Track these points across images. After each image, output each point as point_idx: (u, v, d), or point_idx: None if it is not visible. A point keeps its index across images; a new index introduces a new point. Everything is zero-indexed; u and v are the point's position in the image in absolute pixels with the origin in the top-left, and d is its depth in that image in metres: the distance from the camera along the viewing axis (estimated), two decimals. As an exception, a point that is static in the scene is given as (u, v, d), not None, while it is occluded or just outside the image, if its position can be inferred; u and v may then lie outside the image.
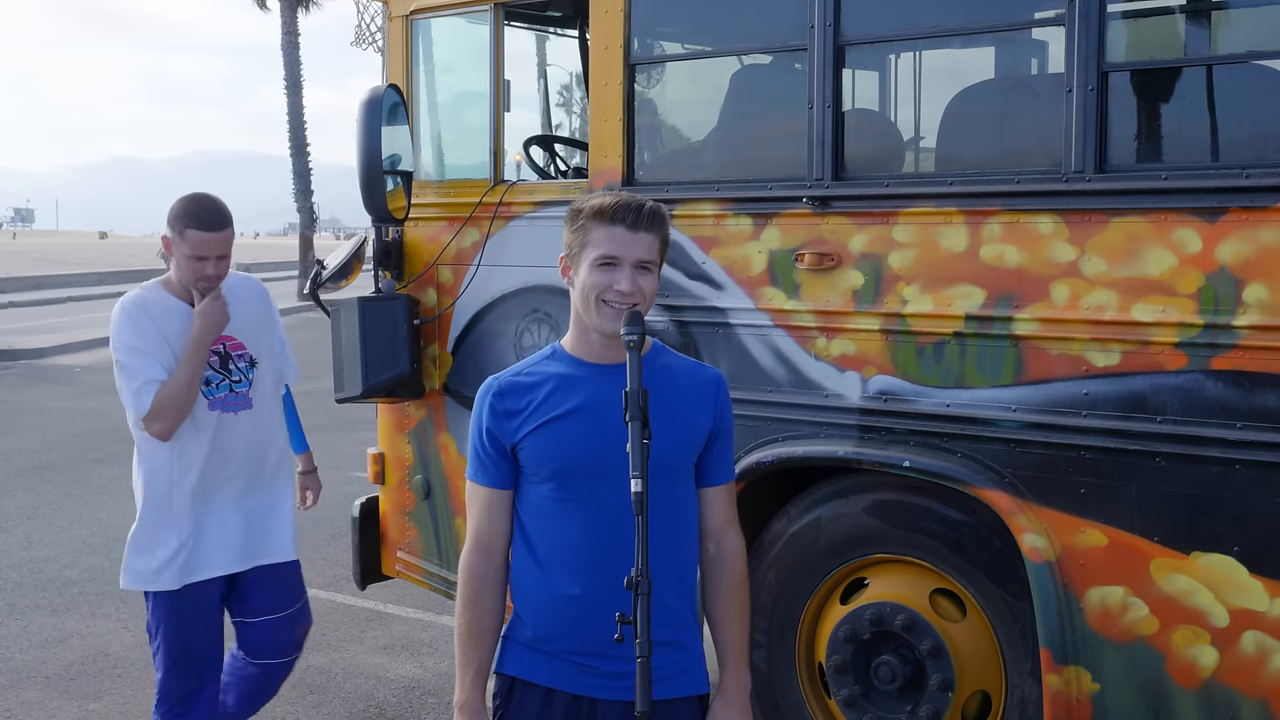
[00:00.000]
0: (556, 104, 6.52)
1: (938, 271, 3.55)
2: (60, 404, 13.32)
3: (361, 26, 9.22)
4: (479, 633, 2.46)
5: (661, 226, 2.38)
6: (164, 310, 3.64)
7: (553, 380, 2.42)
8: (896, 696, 3.76)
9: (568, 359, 2.44)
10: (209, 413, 3.71)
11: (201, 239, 3.57)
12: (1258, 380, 3.10)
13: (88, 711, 4.98)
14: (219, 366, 3.73)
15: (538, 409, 2.40)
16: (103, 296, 31.92)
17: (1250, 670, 3.16)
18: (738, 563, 2.52)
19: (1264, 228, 3.08)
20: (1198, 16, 4.20)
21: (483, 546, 2.47)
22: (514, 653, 2.47)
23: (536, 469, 2.41)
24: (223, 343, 3.74)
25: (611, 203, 2.36)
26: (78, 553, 7.27)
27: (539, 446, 2.39)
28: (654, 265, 2.37)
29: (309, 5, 34.11)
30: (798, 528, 3.89)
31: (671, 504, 2.41)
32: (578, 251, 2.38)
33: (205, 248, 3.58)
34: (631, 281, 2.33)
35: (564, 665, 2.40)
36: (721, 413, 2.48)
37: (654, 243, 2.36)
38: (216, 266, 3.62)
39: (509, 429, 2.41)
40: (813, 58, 3.74)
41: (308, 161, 33.49)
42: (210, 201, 3.65)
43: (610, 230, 2.34)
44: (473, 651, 2.45)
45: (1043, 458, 3.40)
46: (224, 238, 3.62)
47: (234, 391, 3.76)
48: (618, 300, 2.33)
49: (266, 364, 3.86)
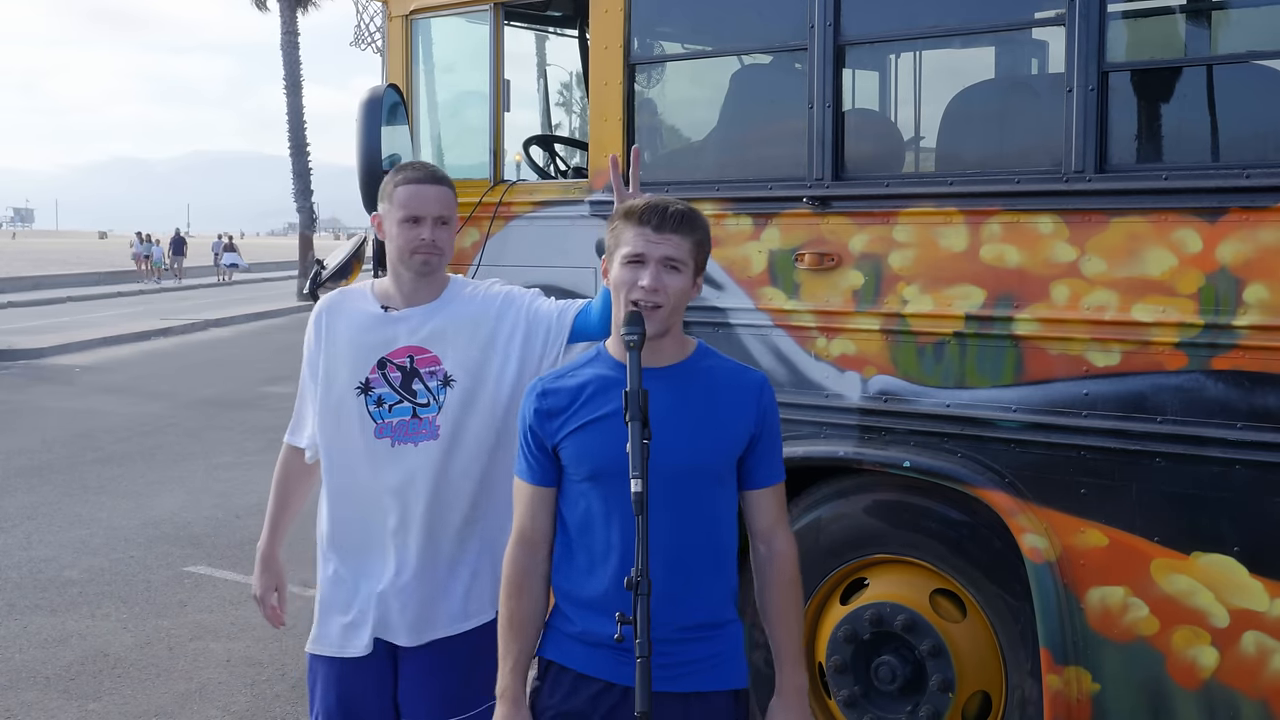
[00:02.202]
0: (556, 104, 6.52)
1: (938, 271, 3.55)
2: (60, 404, 13.31)
3: (361, 27, 9.23)
4: (519, 623, 2.50)
5: (692, 230, 2.42)
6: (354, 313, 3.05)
7: (594, 382, 2.45)
8: (897, 697, 3.76)
9: (609, 361, 2.48)
10: (376, 440, 2.98)
11: (415, 192, 2.93)
12: (1258, 380, 3.10)
13: (87, 711, 4.98)
14: (399, 385, 2.99)
15: (578, 411, 2.44)
16: (102, 296, 31.95)
17: (1250, 670, 3.16)
18: (788, 563, 2.53)
19: (1264, 228, 3.08)
20: (1198, 16, 4.20)
21: (525, 540, 2.52)
22: (554, 639, 2.52)
23: (575, 469, 2.45)
24: (409, 355, 3.00)
25: (642, 204, 2.42)
26: (77, 553, 7.27)
27: (578, 448, 2.43)
28: (683, 265, 2.40)
29: (308, 5, 34.13)
30: (798, 528, 3.89)
31: (703, 504, 2.43)
32: (612, 251, 2.44)
33: (421, 203, 2.93)
34: (655, 278, 2.36)
35: (602, 654, 2.43)
36: (765, 416, 2.49)
37: (682, 244, 2.40)
38: (435, 230, 2.94)
39: (550, 429, 2.46)
40: (813, 58, 3.74)
41: (307, 161, 33.53)
42: (422, 162, 3.13)
43: (639, 230, 2.39)
44: (513, 641, 2.50)
45: (1043, 458, 3.40)
46: (442, 194, 2.97)
47: (416, 417, 2.99)
48: (641, 298, 2.37)
49: (470, 383, 2.99)
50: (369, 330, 3.02)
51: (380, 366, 3.01)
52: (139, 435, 11.26)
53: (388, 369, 3.01)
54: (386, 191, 2.98)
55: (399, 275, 3.00)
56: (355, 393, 3.01)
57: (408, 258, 2.95)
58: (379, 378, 3.00)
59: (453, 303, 3.05)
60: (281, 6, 32.70)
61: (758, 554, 2.53)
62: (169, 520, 8.05)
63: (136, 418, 12.27)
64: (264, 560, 3.25)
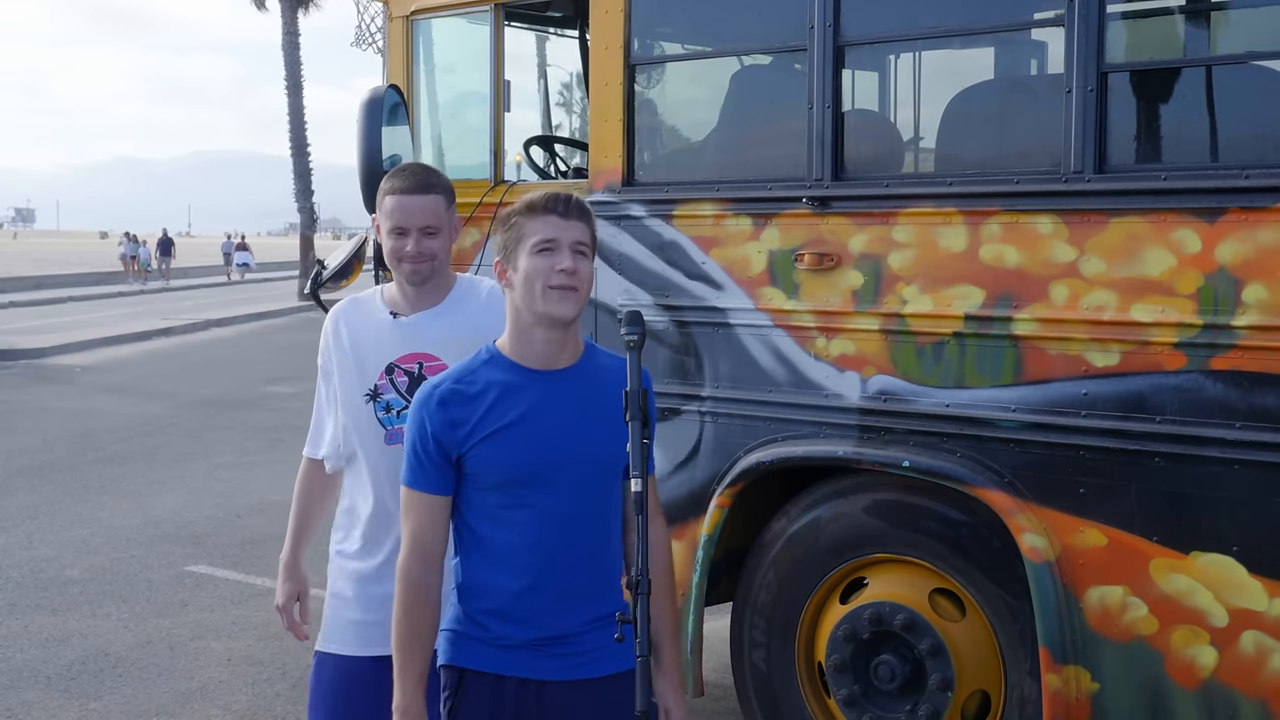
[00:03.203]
0: (556, 104, 6.52)
1: (937, 271, 3.55)
2: (60, 404, 13.32)
3: (361, 27, 9.22)
4: (420, 637, 2.45)
5: (589, 219, 2.46)
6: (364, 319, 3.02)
7: (495, 389, 2.43)
8: (896, 696, 3.77)
9: (507, 364, 2.45)
10: (387, 447, 2.96)
11: (400, 204, 2.86)
12: (1257, 380, 3.10)
13: (88, 711, 4.99)
14: (407, 390, 2.94)
15: (483, 419, 2.41)
16: (103, 296, 31.96)
17: (1249, 670, 3.16)
18: (665, 551, 2.59)
19: (1263, 228, 3.08)
20: (1198, 16, 4.20)
21: (422, 552, 2.46)
22: (460, 645, 2.48)
23: (483, 477, 2.42)
24: (417, 361, 2.97)
25: (541, 195, 2.44)
26: (78, 552, 7.27)
27: (487, 457, 2.40)
28: (589, 250, 2.43)
29: (309, 5, 34.14)
30: (798, 528, 3.90)
31: (608, 498, 2.47)
32: (514, 248, 2.42)
33: (405, 215, 2.86)
34: (572, 259, 2.38)
35: (514, 654, 2.43)
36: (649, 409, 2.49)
37: (585, 230, 2.43)
38: (421, 242, 2.87)
39: (455, 439, 2.41)
40: (812, 58, 3.74)
41: (308, 161, 33.56)
42: (417, 167, 3.00)
43: (544, 218, 2.40)
44: (415, 657, 2.44)
45: (1042, 458, 3.40)
46: (429, 204, 2.87)
47: None
48: (561, 281, 2.37)
49: None
50: (377, 336, 3.00)
51: (388, 372, 2.97)
52: (140, 435, 11.26)
53: (395, 374, 2.97)
54: (379, 198, 2.96)
55: (400, 281, 3.00)
56: (364, 399, 2.98)
57: (396, 265, 2.94)
58: (387, 384, 2.97)
59: (461, 307, 3.00)
60: (282, 7, 32.72)
61: (630, 544, 2.54)
62: (170, 520, 8.06)
63: (137, 417, 12.27)
64: (288, 568, 3.20)
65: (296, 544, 3.21)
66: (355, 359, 3.00)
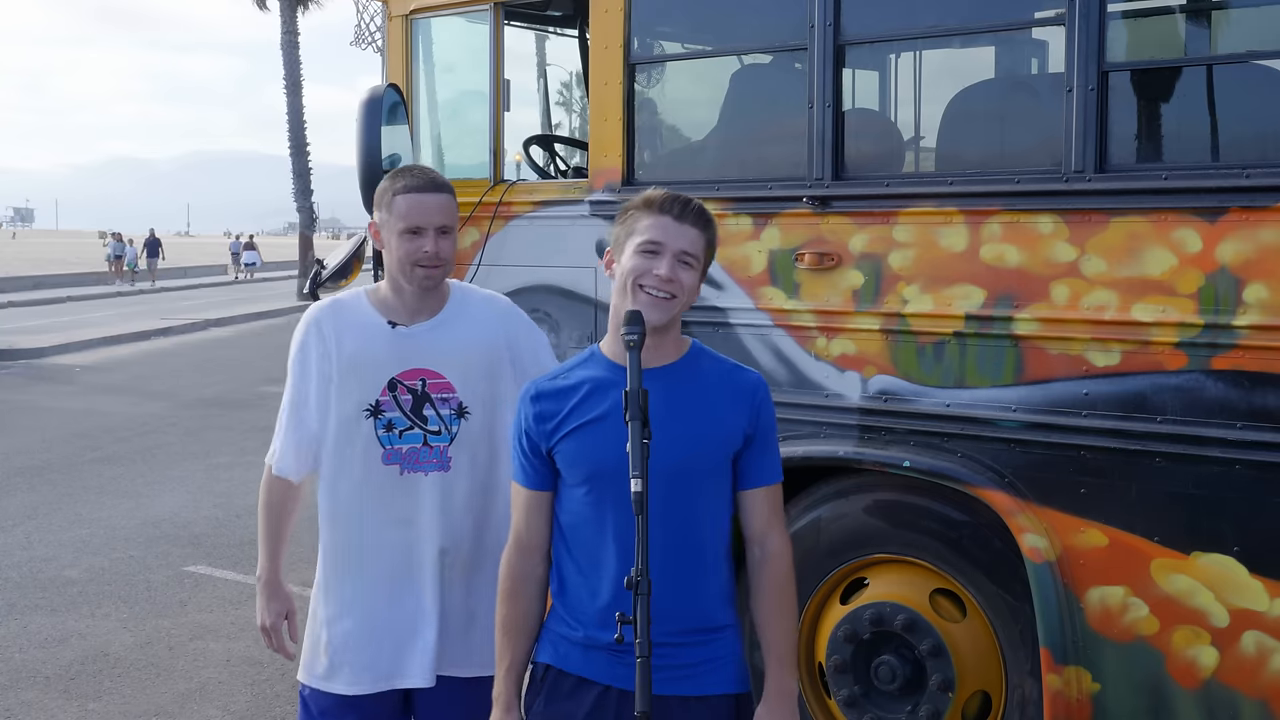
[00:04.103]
0: (556, 104, 6.52)
1: (938, 271, 3.55)
2: (60, 404, 13.31)
3: (361, 26, 9.21)
4: (513, 628, 2.50)
5: (708, 226, 2.41)
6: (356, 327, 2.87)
7: (587, 384, 2.43)
8: (896, 696, 3.76)
9: (604, 362, 2.45)
10: (384, 467, 2.83)
11: (417, 202, 2.76)
12: (1258, 380, 3.10)
13: (87, 711, 4.98)
14: (410, 409, 2.83)
15: (571, 414, 2.41)
16: (102, 296, 31.94)
17: (1250, 670, 3.16)
18: (781, 565, 2.49)
19: (1264, 227, 3.08)
20: (1198, 16, 4.20)
21: (521, 545, 2.50)
22: (550, 643, 2.50)
23: (571, 473, 2.43)
24: (421, 378, 2.84)
25: (660, 194, 2.40)
26: (78, 552, 7.27)
27: (572, 451, 2.41)
28: (696, 261, 2.38)
29: (308, 4, 34.14)
30: (798, 528, 3.89)
31: (697, 504, 2.41)
32: (623, 240, 2.40)
33: (423, 213, 2.76)
34: (672, 268, 2.34)
35: (598, 656, 2.42)
36: (760, 415, 2.46)
37: (698, 239, 2.38)
38: (437, 242, 2.78)
39: (544, 433, 2.43)
40: (813, 58, 3.74)
41: (307, 161, 33.56)
42: (420, 167, 2.92)
43: (657, 219, 2.37)
44: (507, 646, 2.50)
45: (1043, 458, 3.40)
46: (444, 201, 2.81)
47: (427, 444, 2.83)
48: (656, 286, 2.34)
49: (485, 417, 2.89)
50: (377, 347, 2.83)
51: (391, 388, 2.83)
52: (139, 435, 11.26)
53: (399, 390, 2.83)
54: (384, 200, 2.81)
55: (400, 287, 2.85)
56: (364, 414, 2.82)
57: (409, 271, 2.79)
58: (390, 400, 2.83)
59: (461, 319, 2.88)
60: (281, 5, 32.72)
61: (752, 556, 2.51)
62: (169, 520, 8.05)
63: (137, 417, 12.27)
64: (269, 588, 3.01)
65: (273, 560, 3.01)
66: (354, 369, 2.83)
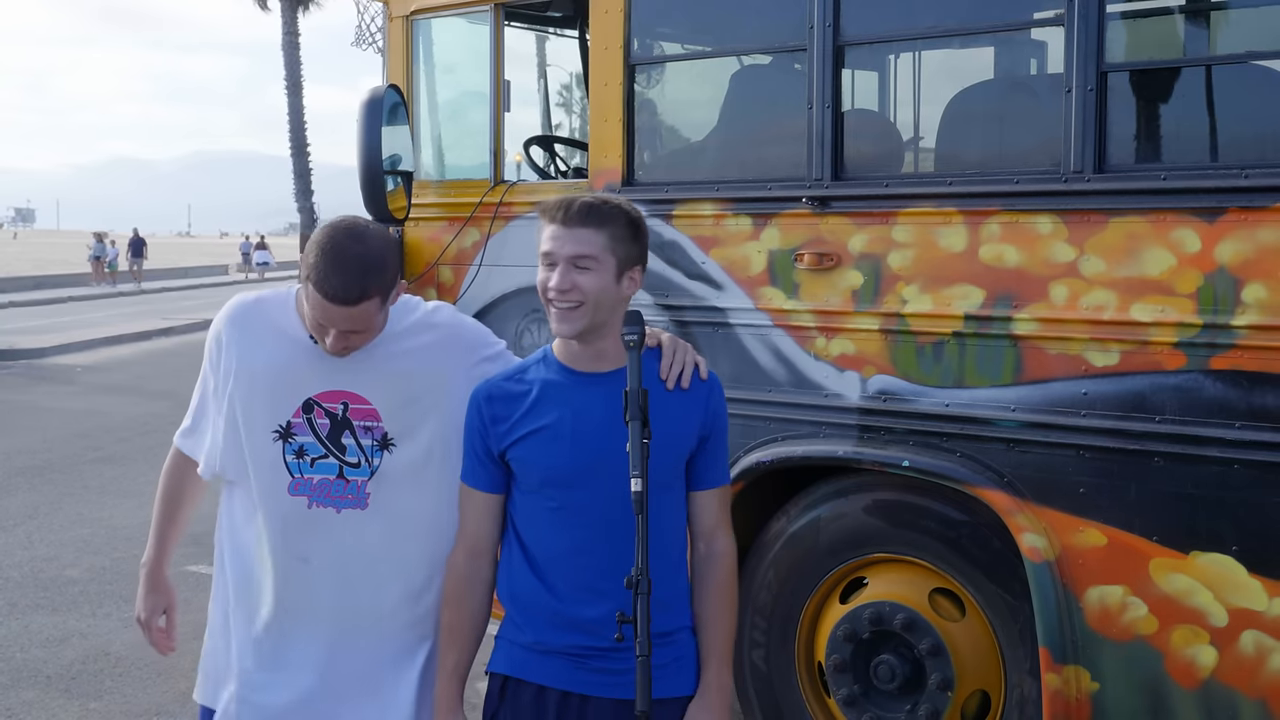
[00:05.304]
0: (556, 104, 6.53)
1: (937, 271, 3.55)
2: (60, 404, 13.31)
3: (361, 27, 9.23)
4: (457, 631, 2.47)
5: (604, 222, 2.30)
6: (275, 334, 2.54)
7: (538, 387, 2.41)
8: (896, 695, 3.77)
9: (555, 365, 2.43)
10: (290, 498, 2.51)
11: (323, 308, 2.37)
12: (1257, 380, 3.10)
13: (88, 711, 4.99)
14: (327, 435, 2.50)
15: (523, 418, 2.39)
16: (103, 296, 31.94)
17: (1249, 670, 3.16)
18: (727, 564, 2.49)
19: (1263, 228, 3.08)
20: (1198, 16, 4.20)
21: (470, 548, 2.47)
22: (506, 651, 2.46)
23: (525, 477, 2.41)
24: (342, 401, 2.50)
25: (552, 201, 2.33)
26: (78, 552, 7.27)
27: (525, 456, 2.39)
28: (594, 263, 2.29)
29: (309, 4, 34.15)
30: (797, 527, 3.90)
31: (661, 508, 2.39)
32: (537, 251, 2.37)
33: (327, 318, 2.39)
34: (564, 277, 2.28)
35: (557, 662, 2.40)
36: (714, 417, 2.45)
37: (593, 238, 2.29)
38: (341, 340, 2.41)
39: (497, 435, 2.41)
40: (812, 58, 3.74)
41: (308, 161, 33.59)
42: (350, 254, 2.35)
43: (549, 227, 2.32)
44: (451, 649, 2.47)
45: (1042, 457, 3.40)
46: (359, 313, 2.37)
47: (342, 477, 2.51)
48: (554, 299, 2.31)
49: (413, 449, 2.54)
50: (294, 361, 2.50)
51: (306, 410, 2.50)
52: (140, 435, 11.26)
53: (315, 414, 2.50)
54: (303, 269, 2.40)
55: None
56: (273, 437, 2.50)
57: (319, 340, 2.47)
58: (303, 423, 2.50)
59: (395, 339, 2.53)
60: (282, 6, 32.72)
61: (697, 552, 2.50)
62: (170, 520, 8.05)
63: (138, 417, 12.27)
64: (151, 579, 2.83)
65: (160, 550, 2.84)
66: (268, 382, 2.50)
